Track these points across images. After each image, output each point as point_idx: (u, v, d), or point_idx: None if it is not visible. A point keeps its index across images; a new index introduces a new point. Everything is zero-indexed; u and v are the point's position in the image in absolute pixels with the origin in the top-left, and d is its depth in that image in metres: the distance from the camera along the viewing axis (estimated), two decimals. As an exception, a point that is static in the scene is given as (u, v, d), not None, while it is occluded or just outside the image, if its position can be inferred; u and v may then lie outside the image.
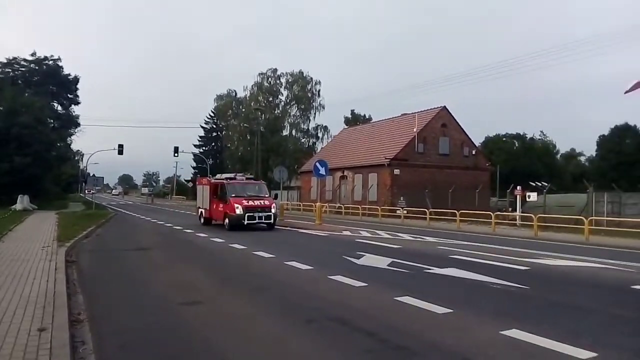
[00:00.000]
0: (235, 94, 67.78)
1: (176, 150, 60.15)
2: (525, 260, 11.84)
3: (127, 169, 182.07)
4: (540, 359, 4.80)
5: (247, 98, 64.85)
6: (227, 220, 20.50)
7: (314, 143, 65.76)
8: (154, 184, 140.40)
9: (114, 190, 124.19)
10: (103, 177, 45.85)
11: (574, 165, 71.57)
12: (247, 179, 23.47)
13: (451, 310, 6.55)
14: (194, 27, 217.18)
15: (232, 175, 23.67)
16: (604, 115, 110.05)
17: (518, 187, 28.21)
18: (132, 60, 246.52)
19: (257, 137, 52.63)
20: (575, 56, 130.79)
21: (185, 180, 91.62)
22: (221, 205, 21.24)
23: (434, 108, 40.55)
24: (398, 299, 7.23)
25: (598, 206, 25.31)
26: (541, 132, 75.03)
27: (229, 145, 68.44)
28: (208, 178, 25.23)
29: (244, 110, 65.33)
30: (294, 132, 65.41)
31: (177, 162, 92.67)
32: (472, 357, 4.83)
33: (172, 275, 9.98)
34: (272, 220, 20.85)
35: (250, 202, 20.43)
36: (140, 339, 5.56)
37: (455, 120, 40.44)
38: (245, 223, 19.89)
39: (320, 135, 65.63)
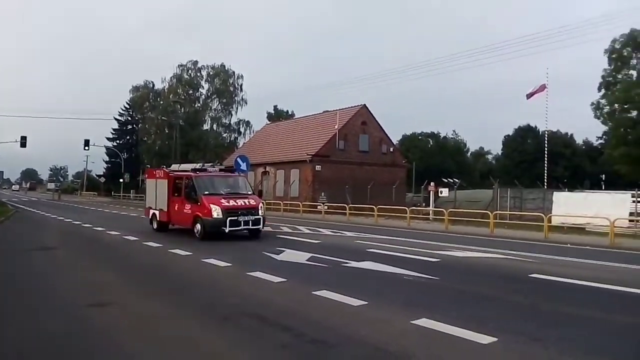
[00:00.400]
0: (153, 85, 65.16)
1: (87, 143, 56.74)
2: (436, 252, 12.49)
3: (31, 163, 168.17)
4: (447, 346, 5.08)
5: (166, 90, 62.54)
6: (198, 226, 15.23)
7: (236, 138, 64.92)
8: (62, 179, 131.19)
9: (14, 186, 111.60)
10: (3, 172, 42.10)
11: (482, 163, 76.73)
12: (220, 170, 18.34)
13: (366, 303, 6.75)
14: (106, 10, 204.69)
15: (198, 165, 18.09)
16: (509, 116, 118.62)
17: (431, 184, 29.65)
18: (36, 44, 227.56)
19: (176, 130, 50.98)
20: (486, 60, 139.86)
21: (97, 175, 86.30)
22: (187, 206, 15.87)
23: (355, 106, 41.47)
24: (316, 293, 7.33)
25: (502, 201, 27.25)
26: (454, 131, 79.70)
27: (146, 138, 65.56)
28: (163, 169, 18.87)
29: (162, 102, 62.92)
30: (215, 126, 64.10)
31: (87, 156, 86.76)
32: (384, 347, 5.01)
33: (79, 275, 9.38)
34: (260, 226, 15.63)
35: (232, 202, 15.24)
36: (41, 346, 5.16)
37: (374, 118, 41.64)
38: (227, 230, 14.77)
39: (242, 130, 64.91)
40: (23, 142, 47.56)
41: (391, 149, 42.86)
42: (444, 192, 29.25)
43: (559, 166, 53.99)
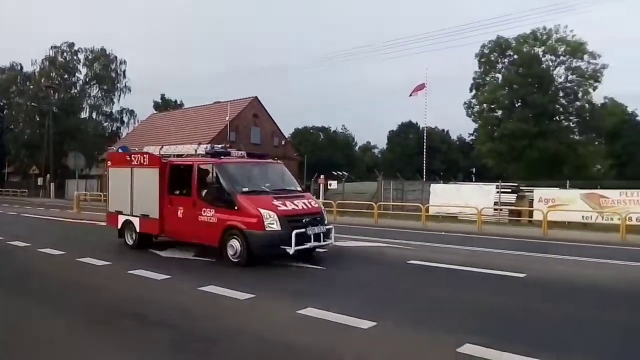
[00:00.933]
0: (21, 67, 58.34)
1: (-64, 130, 49.22)
2: (325, 243, 12.86)
3: None
4: (330, 332, 5.30)
5: (37, 74, 56.38)
6: (235, 245, 9.28)
7: (119, 128, 60.62)
8: None
9: None
10: None
11: (369, 157, 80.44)
12: (248, 155, 11.56)
13: (253, 295, 6.77)
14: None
15: (207, 147, 11.87)
16: (394, 112, 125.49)
17: (321, 176, 30.42)
18: None
19: (49, 118, 46.37)
20: (375, 57, 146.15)
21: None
22: (208, 211, 9.83)
23: (246, 98, 41.11)
24: (202, 288, 7.18)
25: (386, 193, 28.82)
26: (343, 126, 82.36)
27: (13, 127, 58.71)
28: (149, 153, 11.82)
29: (32, 87, 56.68)
30: (94, 114, 59.25)
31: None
32: (271, 337, 5.12)
33: None
34: (331, 240, 10.28)
35: (289, 205, 9.58)
36: None
37: (266, 110, 41.65)
38: (293, 250, 9.03)
39: (126, 119, 60.70)
40: None
41: (283, 142, 43.25)
42: (333, 184, 30.18)
43: (436, 160, 58.37)
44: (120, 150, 23.20)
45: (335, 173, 34.19)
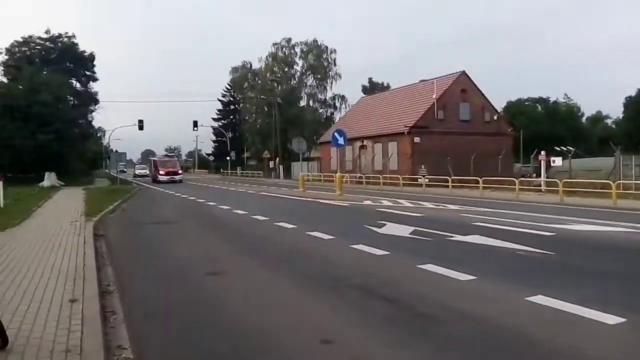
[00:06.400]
0: (251, 65, 67.34)
1: (195, 124, 60.49)
2: (551, 226, 11.66)
3: (149, 144, 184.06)
4: (567, 325, 4.74)
5: (263, 69, 64.36)
6: None
7: (332, 113, 65.36)
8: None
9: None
10: (126, 153, 46.55)
11: (600, 129, 69.69)
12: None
13: (475, 277, 6.51)
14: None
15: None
16: (632, 76, 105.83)
17: (542, 152, 27.60)
18: (145, 35, 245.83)
19: (275, 108, 52.50)
20: (599, 15, 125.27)
21: (206, 154, 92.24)
22: None
23: (453, 73, 39.59)
24: (421, 266, 7.22)
25: (626, 169, 24.62)
26: (565, 95, 72.99)
27: (247, 118, 68.45)
28: None
29: (260, 82, 64.96)
30: (311, 102, 65.02)
31: (197, 136, 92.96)
32: (496, 324, 4.81)
33: (196, 246, 10.16)
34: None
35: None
36: (167, 308, 5.68)
37: (475, 85, 39.47)
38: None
39: (338, 105, 65.13)
40: (140, 125, 52.10)
41: (495, 117, 40.48)
42: (557, 161, 27.08)
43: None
44: (336, 135, 25.04)
45: (559, 148, 30.60)
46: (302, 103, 64.73)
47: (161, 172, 43.89)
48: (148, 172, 59.46)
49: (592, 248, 9.13)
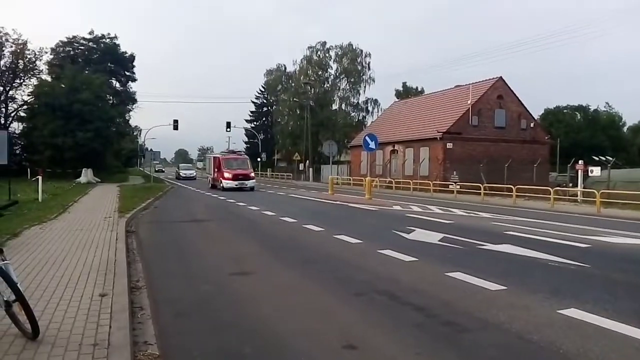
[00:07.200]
0: (285, 68, 67.83)
1: (228, 125, 61.23)
2: (586, 237, 11.27)
3: (182, 144, 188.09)
4: (599, 340, 4.55)
5: (297, 72, 64.71)
6: None
7: (364, 117, 65.09)
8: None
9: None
10: (160, 152, 47.48)
11: (642, 139, 67.01)
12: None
13: (505, 287, 6.34)
14: (242, 1, 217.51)
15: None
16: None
17: (580, 162, 26.77)
18: (183, 36, 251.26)
19: (307, 111, 52.67)
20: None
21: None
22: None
23: (490, 79, 38.87)
24: (449, 274, 7.08)
25: (669, 181, 23.66)
26: (606, 103, 70.61)
27: (279, 120, 68.94)
28: None
29: (293, 84, 65.34)
30: (343, 106, 64.90)
31: (229, 137, 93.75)
32: (527, 337, 4.65)
33: (224, 246, 10.26)
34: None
35: None
36: (194, 307, 5.74)
37: (512, 91, 38.63)
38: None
39: (370, 109, 64.81)
40: (175, 125, 53.18)
41: (531, 124, 39.52)
42: (595, 171, 26.20)
43: None
44: (367, 139, 24.91)
45: (597, 158, 29.60)
46: (335, 106, 64.76)
47: (227, 176, 30.78)
48: (194, 173, 54.83)
49: (628, 261, 8.78)
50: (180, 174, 54.51)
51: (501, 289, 6.31)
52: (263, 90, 76.92)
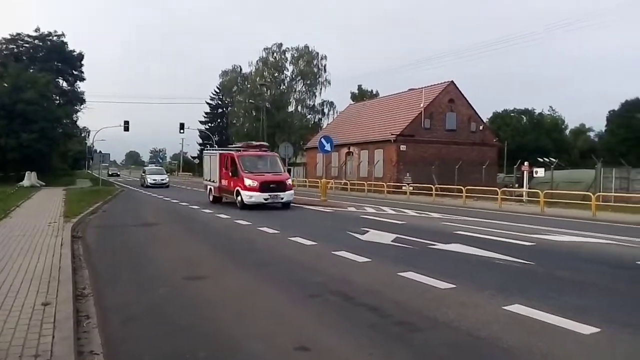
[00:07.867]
0: (241, 69, 67.24)
1: (182, 126, 59.83)
2: (530, 236, 11.78)
3: (134, 146, 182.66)
4: (544, 335, 4.76)
5: (253, 74, 64.32)
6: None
7: (320, 119, 65.42)
8: (161, 161, 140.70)
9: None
10: (109, 154, 45.80)
11: (582, 141, 70.86)
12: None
13: (454, 286, 6.54)
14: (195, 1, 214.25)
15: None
16: (615, 90, 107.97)
17: (525, 163, 27.97)
18: (134, 36, 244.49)
19: (263, 113, 52.34)
20: (584, 29, 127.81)
21: (192, 157, 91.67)
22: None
23: (441, 83, 40.00)
24: (401, 274, 7.22)
25: (606, 182, 25.06)
26: (550, 107, 74.17)
27: (235, 121, 68.22)
28: None
29: (249, 86, 64.86)
30: (299, 108, 65.01)
31: (183, 139, 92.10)
32: (474, 333, 4.81)
33: (176, 250, 10.04)
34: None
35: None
36: (144, 313, 5.59)
37: (462, 95, 39.92)
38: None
39: (326, 111, 65.23)
40: (126, 126, 51.44)
41: (481, 127, 40.97)
42: (540, 172, 27.46)
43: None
44: (323, 141, 25.04)
45: (542, 160, 31.02)
46: (291, 108, 64.75)
47: (249, 184, 18.80)
48: (167, 179, 41.02)
49: (570, 258, 9.22)
50: (148, 180, 39.84)
51: (451, 287, 6.50)
52: (218, 91, 75.94)
